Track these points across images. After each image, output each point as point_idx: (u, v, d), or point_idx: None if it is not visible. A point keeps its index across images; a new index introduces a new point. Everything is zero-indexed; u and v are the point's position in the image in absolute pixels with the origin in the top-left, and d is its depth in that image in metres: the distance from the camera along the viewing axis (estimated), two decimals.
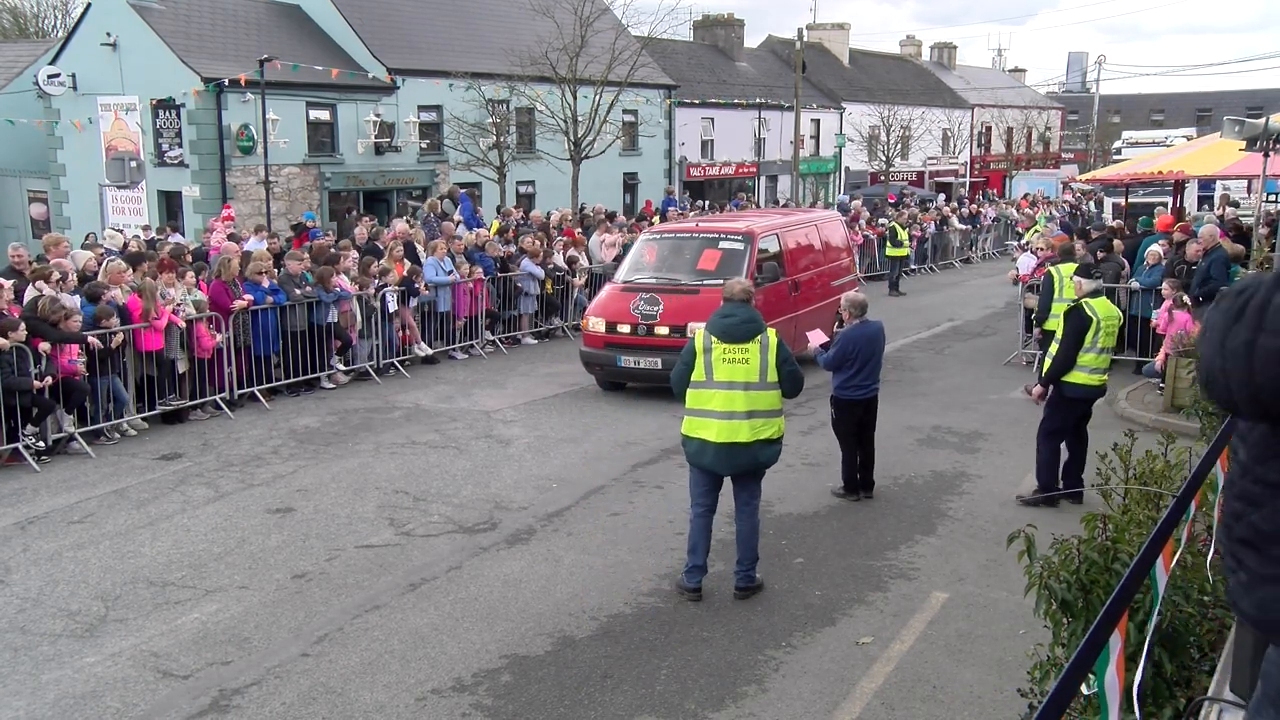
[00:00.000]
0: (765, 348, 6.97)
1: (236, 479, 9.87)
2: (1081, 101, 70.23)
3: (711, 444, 6.94)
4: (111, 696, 5.90)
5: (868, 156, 45.11)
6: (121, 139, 25.95)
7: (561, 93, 26.22)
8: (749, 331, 6.98)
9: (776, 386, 7.00)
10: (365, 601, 7.16)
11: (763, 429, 6.96)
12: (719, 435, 6.91)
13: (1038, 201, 36.46)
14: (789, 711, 5.75)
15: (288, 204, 25.37)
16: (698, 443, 7.01)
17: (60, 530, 8.54)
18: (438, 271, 15.33)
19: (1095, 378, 8.91)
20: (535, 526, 8.62)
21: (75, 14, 36.12)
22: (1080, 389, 8.90)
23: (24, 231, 27.91)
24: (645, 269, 14.00)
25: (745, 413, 6.90)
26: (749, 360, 6.92)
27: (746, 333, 6.97)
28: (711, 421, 6.94)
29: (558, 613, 6.97)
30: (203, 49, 25.17)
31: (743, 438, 6.90)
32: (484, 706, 5.78)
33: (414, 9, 30.26)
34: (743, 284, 7.41)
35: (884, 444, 9.71)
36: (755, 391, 6.92)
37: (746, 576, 7.21)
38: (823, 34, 49.63)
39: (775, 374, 6.97)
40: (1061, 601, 4.03)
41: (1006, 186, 50.26)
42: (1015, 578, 5.79)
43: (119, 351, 11.15)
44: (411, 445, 11.06)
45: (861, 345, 9.00)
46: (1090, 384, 8.91)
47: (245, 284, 12.71)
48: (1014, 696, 5.13)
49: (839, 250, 16.30)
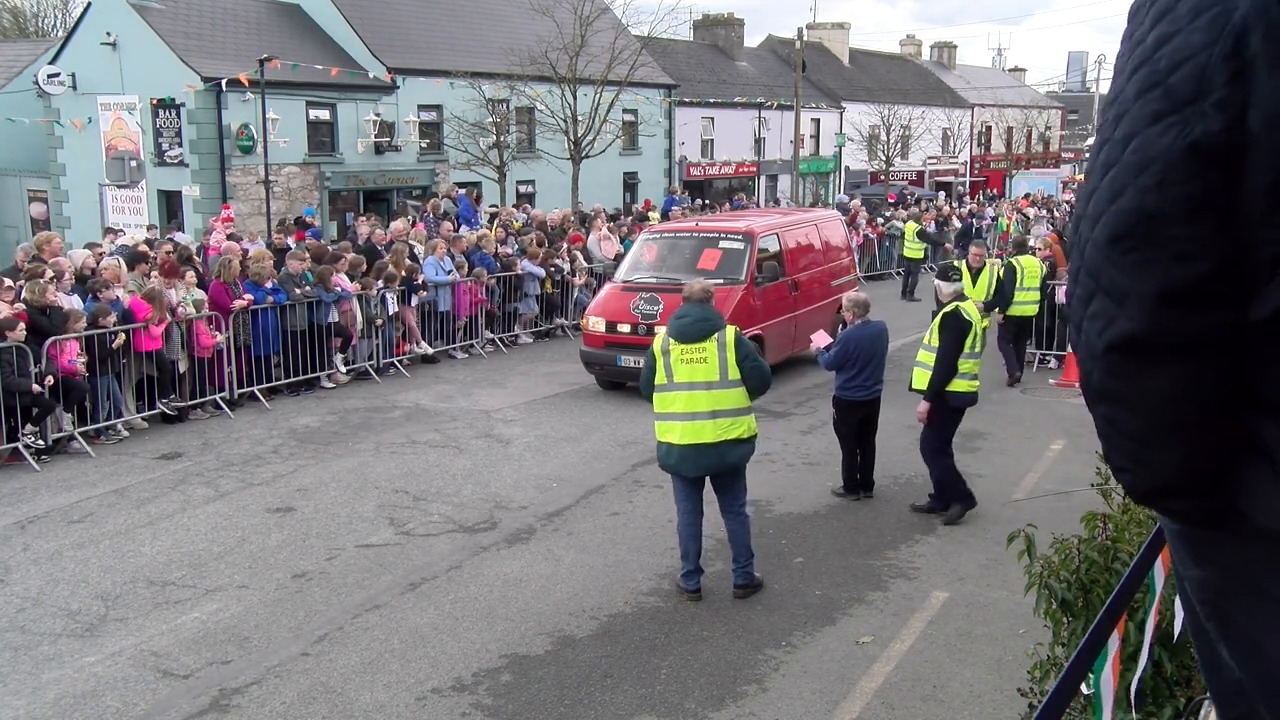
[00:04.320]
0: (723, 346, 6.85)
1: (236, 478, 9.87)
2: (1081, 101, 70.24)
3: (677, 446, 6.84)
4: (111, 696, 5.90)
5: (868, 156, 45.11)
6: (121, 138, 25.95)
7: (561, 92, 26.23)
8: (703, 330, 6.87)
9: (740, 384, 6.87)
10: (365, 601, 7.16)
11: (730, 429, 6.83)
12: (683, 437, 6.81)
13: (1037, 202, 36.45)
14: (789, 711, 5.75)
15: (288, 203, 25.36)
16: (665, 446, 6.94)
17: (60, 530, 8.54)
18: (438, 271, 15.33)
19: (974, 384, 8.73)
20: (535, 526, 8.62)
21: (75, 13, 36.15)
22: (963, 397, 8.65)
23: (24, 231, 27.87)
24: (645, 268, 14.01)
25: (709, 413, 6.79)
26: (707, 359, 6.82)
27: (700, 332, 6.87)
28: (675, 424, 6.85)
29: (558, 612, 6.97)
30: (202, 48, 25.16)
31: (707, 438, 6.79)
32: (484, 706, 5.78)
33: (414, 8, 30.25)
34: (703, 284, 7.29)
35: (884, 444, 9.71)
36: (717, 391, 6.81)
37: (745, 574, 7.17)
38: (823, 33, 49.62)
39: (736, 371, 6.84)
40: (1061, 601, 4.03)
41: (1007, 186, 50.24)
42: (1015, 577, 5.79)
43: (118, 352, 11.14)
44: (411, 445, 11.06)
45: (863, 346, 8.98)
46: (971, 390, 8.69)
47: (245, 283, 12.71)
48: (1014, 696, 5.13)
49: (839, 250, 16.31)
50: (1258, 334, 1.10)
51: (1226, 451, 1.15)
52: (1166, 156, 1.09)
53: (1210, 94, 1.07)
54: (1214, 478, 1.16)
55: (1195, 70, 1.08)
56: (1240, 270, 1.09)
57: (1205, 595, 1.26)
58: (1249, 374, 1.12)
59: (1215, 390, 1.12)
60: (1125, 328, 1.13)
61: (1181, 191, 1.09)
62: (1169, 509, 1.23)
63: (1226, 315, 1.10)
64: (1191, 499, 1.18)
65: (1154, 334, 1.12)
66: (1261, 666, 1.19)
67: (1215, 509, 1.17)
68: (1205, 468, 1.16)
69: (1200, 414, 1.13)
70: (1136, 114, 1.13)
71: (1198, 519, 1.20)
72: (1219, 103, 1.07)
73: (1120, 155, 1.14)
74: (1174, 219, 1.09)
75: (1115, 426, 1.19)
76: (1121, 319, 1.14)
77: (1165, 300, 1.11)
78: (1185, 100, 1.09)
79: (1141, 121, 1.12)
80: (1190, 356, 1.11)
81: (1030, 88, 65.60)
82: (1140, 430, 1.17)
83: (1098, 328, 1.16)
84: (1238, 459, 1.15)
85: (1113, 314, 1.15)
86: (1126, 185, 1.12)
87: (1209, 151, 1.08)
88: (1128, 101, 1.14)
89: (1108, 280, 1.15)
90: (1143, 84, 1.13)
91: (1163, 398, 1.14)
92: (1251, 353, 1.11)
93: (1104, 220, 1.15)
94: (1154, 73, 1.12)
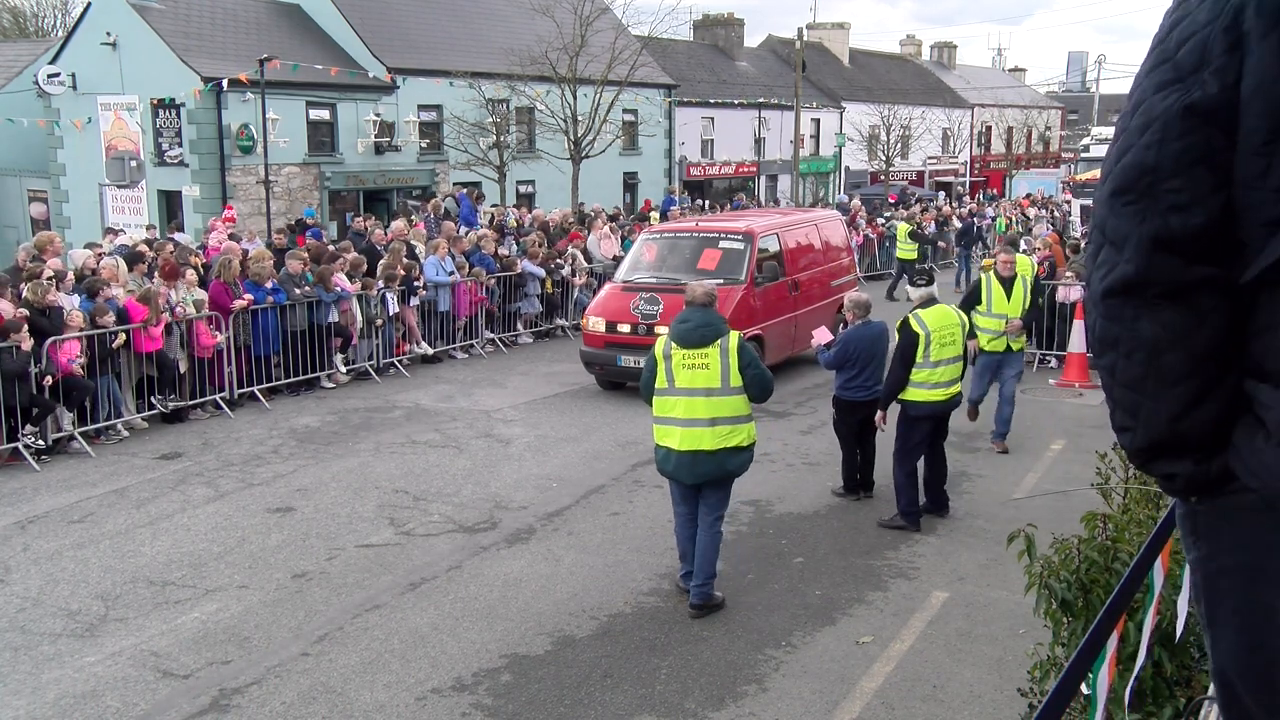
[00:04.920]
0: (725, 352, 6.72)
1: (236, 478, 9.87)
2: (1081, 101, 70.25)
3: (675, 452, 6.76)
4: (111, 696, 5.90)
5: (868, 156, 45.12)
6: (121, 138, 25.96)
7: (561, 92, 26.23)
8: (705, 336, 6.75)
9: (741, 392, 6.75)
10: (365, 601, 7.16)
11: (729, 436, 6.72)
12: (682, 443, 6.72)
13: (1037, 202, 36.44)
14: (789, 711, 5.75)
15: (288, 203, 25.37)
16: (663, 451, 6.86)
17: (60, 530, 8.54)
18: (438, 271, 15.33)
19: (937, 393, 8.39)
20: (535, 526, 8.62)
21: (75, 13, 36.15)
22: (923, 406, 8.41)
23: (24, 231, 27.88)
24: (645, 268, 14.01)
25: (708, 420, 6.68)
26: (709, 366, 6.70)
27: (703, 338, 6.75)
28: (674, 429, 6.77)
29: (558, 612, 6.97)
30: (203, 48, 25.17)
31: (707, 445, 6.68)
32: (484, 706, 5.78)
33: (414, 8, 30.26)
34: (705, 287, 7.14)
35: (884, 444, 9.71)
36: (718, 398, 6.69)
37: (701, 593, 6.88)
38: (823, 33, 49.63)
39: (738, 379, 6.72)
40: (1061, 601, 4.03)
41: (1007, 186, 50.25)
42: (1015, 577, 5.79)
43: (117, 352, 11.14)
44: (411, 445, 11.06)
45: (863, 346, 8.97)
46: (933, 400, 8.40)
47: (245, 283, 12.71)
48: (1014, 696, 5.13)
49: (839, 250, 16.31)
50: (1249, 301, 1.17)
51: (1219, 412, 1.22)
52: (1165, 116, 1.19)
53: (1210, 64, 1.16)
54: (1208, 438, 1.23)
55: (1198, 44, 1.18)
56: (1230, 232, 1.17)
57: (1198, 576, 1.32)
58: (1245, 342, 1.19)
59: (1206, 345, 1.20)
60: (1123, 270, 1.22)
61: (1178, 147, 1.17)
62: (1167, 473, 1.30)
63: (1215, 271, 1.18)
64: (1183, 458, 1.25)
65: (1148, 276, 1.20)
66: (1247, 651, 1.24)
67: (1209, 476, 1.24)
68: (1197, 424, 1.23)
69: (1190, 365, 1.20)
70: (1146, 85, 1.23)
71: (1191, 485, 1.27)
72: (1217, 70, 1.16)
73: (1128, 123, 1.24)
74: (1171, 172, 1.18)
75: (1115, 377, 1.28)
76: (1121, 264, 1.22)
77: (1159, 245, 1.19)
78: (1189, 70, 1.18)
79: (1149, 91, 1.22)
80: (1181, 305, 1.19)
81: (1030, 88, 65.62)
82: (1135, 376, 1.25)
83: (1101, 274, 1.25)
84: (1235, 423, 1.22)
85: (1114, 260, 1.23)
86: (1131, 145, 1.22)
87: (1205, 111, 1.16)
88: (1140, 79, 1.25)
89: (1111, 229, 1.24)
90: (1154, 62, 1.23)
91: (1155, 343, 1.22)
92: (1246, 320, 1.18)
93: (1110, 176, 1.24)
94: (1164, 51, 1.22)
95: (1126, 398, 1.27)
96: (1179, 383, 1.21)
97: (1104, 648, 2.18)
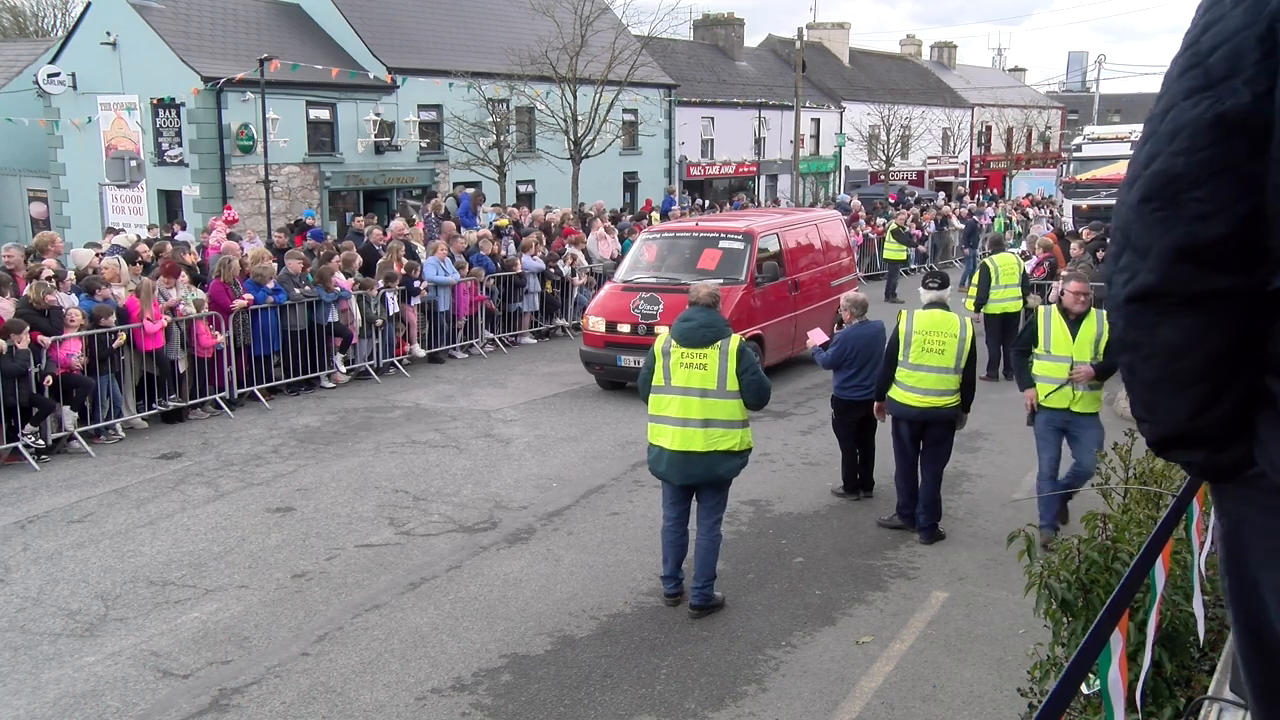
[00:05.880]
0: (725, 355, 6.67)
1: (236, 478, 9.87)
2: (1082, 101, 70.15)
3: (668, 451, 6.72)
4: (111, 696, 5.90)
5: (868, 156, 45.11)
6: (121, 138, 25.95)
7: (561, 92, 26.23)
8: (706, 337, 6.71)
9: (737, 396, 6.68)
10: (365, 601, 7.16)
11: (721, 440, 6.67)
12: (674, 443, 6.69)
13: (1037, 201, 36.44)
14: (789, 711, 5.75)
15: (288, 203, 25.37)
16: (656, 450, 6.82)
17: (60, 529, 8.54)
18: (439, 272, 15.32)
19: (912, 397, 8.01)
20: (535, 526, 8.62)
21: (75, 13, 36.13)
22: (896, 406, 8.14)
23: (24, 231, 27.90)
24: (645, 268, 14.01)
25: (701, 421, 6.64)
26: (707, 366, 6.66)
27: (704, 338, 6.71)
28: (667, 428, 6.74)
29: (558, 612, 6.97)
30: (203, 48, 25.17)
31: (697, 446, 6.64)
32: (484, 706, 5.78)
33: (414, 8, 30.26)
34: (709, 288, 7.10)
35: (884, 443, 9.71)
36: (712, 400, 6.64)
37: (701, 595, 6.87)
38: (823, 33, 49.65)
39: (735, 382, 6.66)
40: (1061, 601, 4.03)
41: (1007, 186, 50.25)
42: (1015, 577, 5.79)
43: (117, 352, 11.14)
44: (411, 444, 11.06)
45: (861, 345, 8.98)
46: (906, 403, 8.05)
47: (245, 283, 12.71)
48: (1014, 696, 5.14)
49: (839, 250, 16.31)
50: (1271, 303, 1.18)
51: (1236, 409, 1.24)
52: (1195, 125, 1.17)
53: (1242, 71, 1.15)
54: (1222, 433, 1.25)
55: (1232, 51, 1.16)
56: (1257, 241, 1.17)
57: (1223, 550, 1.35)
58: (1269, 344, 1.20)
59: (1222, 349, 1.21)
60: (1145, 279, 1.22)
61: (1205, 157, 1.17)
62: (1183, 460, 1.34)
63: (1236, 280, 1.18)
64: (1200, 450, 1.28)
65: (1168, 286, 1.21)
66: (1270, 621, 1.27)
67: (1224, 464, 1.27)
68: (1212, 421, 1.25)
69: (1206, 368, 1.22)
70: (1175, 90, 1.22)
71: (1208, 472, 1.31)
72: (1249, 79, 1.14)
73: (1158, 127, 1.23)
74: (1196, 182, 1.17)
75: (1135, 375, 1.30)
76: (1143, 272, 1.23)
77: (1181, 255, 1.19)
78: (1220, 78, 1.17)
79: (1179, 96, 1.21)
80: (1199, 312, 1.20)
81: (1030, 88, 65.62)
82: (1153, 379, 1.27)
83: (1123, 280, 1.26)
84: (1258, 418, 1.23)
85: (1137, 267, 1.24)
86: (1159, 152, 1.21)
87: (1234, 121, 1.15)
88: (1170, 81, 1.23)
89: (1135, 236, 1.24)
90: (1185, 65, 1.21)
91: (1173, 349, 1.23)
92: (1272, 322, 1.19)
93: (1138, 183, 1.24)
94: (1196, 54, 1.20)
95: (1144, 395, 1.30)
96: (1195, 385, 1.23)
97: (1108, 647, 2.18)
